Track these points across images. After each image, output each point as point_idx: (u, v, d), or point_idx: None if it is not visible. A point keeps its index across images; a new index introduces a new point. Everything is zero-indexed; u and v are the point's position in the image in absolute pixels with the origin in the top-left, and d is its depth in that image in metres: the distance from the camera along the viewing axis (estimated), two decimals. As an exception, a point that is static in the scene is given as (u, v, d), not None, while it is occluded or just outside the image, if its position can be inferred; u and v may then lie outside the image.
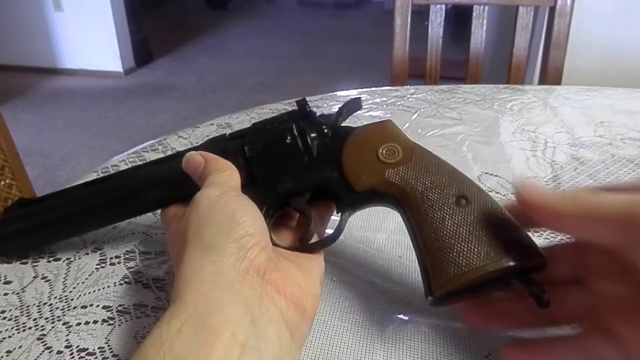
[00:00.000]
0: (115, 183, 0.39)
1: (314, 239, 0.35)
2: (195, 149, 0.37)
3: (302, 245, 0.34)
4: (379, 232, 0.44)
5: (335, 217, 0.36)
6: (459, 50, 2.02)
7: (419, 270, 0.39)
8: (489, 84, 0.82)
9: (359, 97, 0.40)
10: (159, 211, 0.48)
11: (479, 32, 1.04)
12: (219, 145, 0.37)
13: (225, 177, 0.33)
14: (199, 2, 4.91)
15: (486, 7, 1.02)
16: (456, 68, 1.65)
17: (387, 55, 1.10)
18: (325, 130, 0.36)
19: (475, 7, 1.03)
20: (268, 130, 0.37)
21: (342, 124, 0.38)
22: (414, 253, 0.41)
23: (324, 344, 0.33)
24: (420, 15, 1.11)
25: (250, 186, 0.35)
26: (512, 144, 0.61)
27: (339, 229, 0.34)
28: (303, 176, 0.35)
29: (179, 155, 0.37)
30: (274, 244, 0.32)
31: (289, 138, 0.35)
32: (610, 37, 1.67)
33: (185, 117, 2.58)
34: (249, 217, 0.29)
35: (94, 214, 0.40)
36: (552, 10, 1.01)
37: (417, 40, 1.11)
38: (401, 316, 0.35)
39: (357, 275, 0.39)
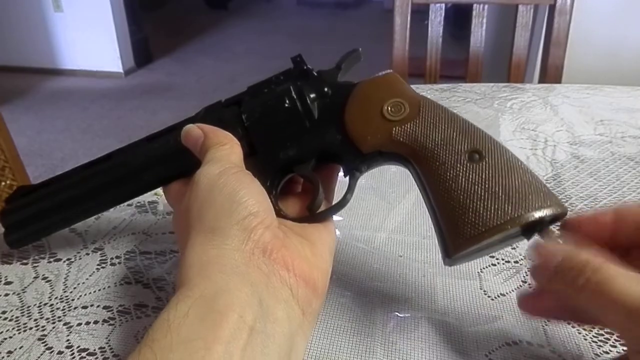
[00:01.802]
0: (113, 163, 0.38)
1: (323, 207, 0.33)
2: (192, 119, 0.35)
3: (311, 215, 0.32)
4: (379, 232, 0.44)
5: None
6: (458, 49, 2.02)
7: (419, 269, 0.40)
8: (489, 82, 0.82)
9: (358, 49, 0.37)
10: (159, 210, 0.48)
11: (479, 31, 1.04)
12: (215, 115, 0.35)
13: (225, 151, 0.31)
14: (199, 2, 4.90)
15: (486, 6, 1.02)
16: (456, 67, 1.65)
17: (387, 54, 1.10)
18: (326, 89, 0.34)
19: (474, 6, 1.03)
20: (265, 94, 0.34)
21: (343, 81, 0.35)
22: (414, 252, 0.42)
23: (324, 344, 0.33)
24: (420, 14, 1.11)
25: (251, 156, 0.33)
26: (512, 143, 0.61)
27: (348, 192, 0.32)
28: (305, 141, 0.33)
29: (175, 128, 0.35)
30: (282, 216, 0.31)
31: (287, 101, 0.33)
32: (610, 36, 1.67)
33: (185, 117, 2.58)
34: (251, 196, 0.28)
35: (96, 197, 0.38)
36: (552, 8, 1.01)
37: (417, 40, 1.11)
38: (399, 314, 0.35)
39: (357, 275, 0.39)
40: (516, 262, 0.40)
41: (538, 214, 0.27)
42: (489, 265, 0.40)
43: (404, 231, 0.45)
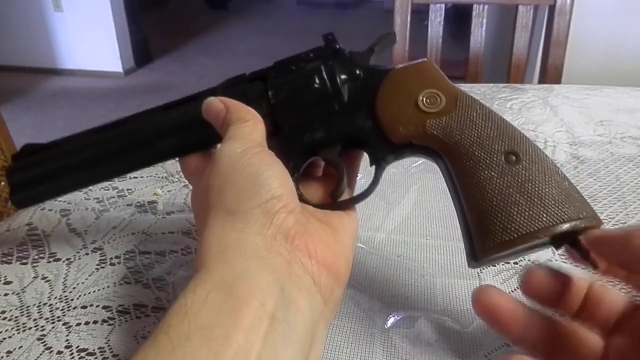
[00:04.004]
0: (128, 128, 0.36)
1: (346, 194, 0.33)
2: (213, 90, 0.34)
3: (334, 202, 0.32)
4: (378, 232, 0.44)
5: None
6: (458, 49, 2.01)
7: (418, 269, 0.40)
8: (488, 82, 0.82)
9: (393, 32, 0.36)
10: (160, 209, 0.48)
11: (479, 31, 1.04)
12: (238, 88, 0.33)
13: (248, 128, 0.29)
14: (199, 2, 4.90)
15: (486, 6, 1.02)
16: (456, 67, 1.65)
17: (387, 54, 1.10)
18: (357, 72, 0.32)
19: (474, 6, 1.03)
20: (293, 71, 0.33)
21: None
22: (413, 252, 0.42)
23: (324, 343, 0.33)
24: (420, 14, 1.11)
25: (274, 136, 0.32)
26: (512, 143, 0.61)
27: (374, 183, 0.31)
28: (333, 125, 0.32)
29: (195, 98, 0.34)
30: (304, 201, 0.31)
31: (317, 81, 0.32)
32: (610, 36, 1.67)
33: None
34: (275, 178, 0.27)
35: (107, 162, 0.36)
36: (552, 9, 1.01)
37: (417, 40, 1.11)
38: (398, 314, 0.35)
39: (356, 275, 0.39)
40: (515, 263, 0.40)
41: (572, 225, 0.26)
42: (488, 266, 0.40)
43: (404, 231, 0.45)
